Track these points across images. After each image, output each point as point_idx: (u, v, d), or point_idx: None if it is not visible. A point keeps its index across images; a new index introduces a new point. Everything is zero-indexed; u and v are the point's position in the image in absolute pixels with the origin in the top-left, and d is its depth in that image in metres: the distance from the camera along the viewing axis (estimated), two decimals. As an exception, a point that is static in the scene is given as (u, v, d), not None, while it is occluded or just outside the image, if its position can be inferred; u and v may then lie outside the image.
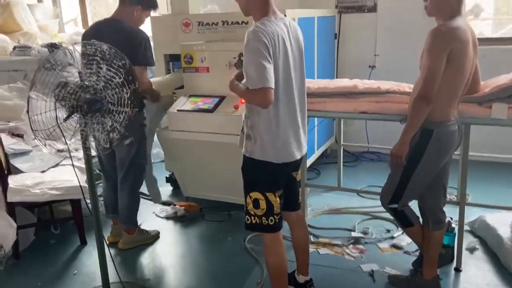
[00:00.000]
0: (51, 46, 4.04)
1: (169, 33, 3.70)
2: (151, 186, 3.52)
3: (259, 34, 1.88)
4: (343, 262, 2.81)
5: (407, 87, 2.64)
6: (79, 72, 1.94)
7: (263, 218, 2.12)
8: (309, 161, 3.86)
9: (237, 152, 2.30)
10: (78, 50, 1.92)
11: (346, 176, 3.72)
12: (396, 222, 3.00)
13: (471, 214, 3.05)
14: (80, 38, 3.01)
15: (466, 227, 2.86)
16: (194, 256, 3.03)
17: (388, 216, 2.89)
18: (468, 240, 2.93)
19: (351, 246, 2.97)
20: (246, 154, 2.11)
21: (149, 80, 3.07)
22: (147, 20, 3.05)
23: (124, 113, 1.95)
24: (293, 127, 2.10)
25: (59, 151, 2.20)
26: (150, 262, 2.98)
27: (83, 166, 2.43)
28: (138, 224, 3.16)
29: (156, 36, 3.84)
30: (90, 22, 5.46)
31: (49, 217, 3.33)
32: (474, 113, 2.42)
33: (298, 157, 2.15)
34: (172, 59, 3.82)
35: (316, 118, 3.89)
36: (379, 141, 4.37)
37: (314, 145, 4.17)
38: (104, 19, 2.94)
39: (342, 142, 3.48)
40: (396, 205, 2.39)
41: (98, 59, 1.87)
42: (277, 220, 2.15)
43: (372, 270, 2.69)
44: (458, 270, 2.66)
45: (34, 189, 2.89)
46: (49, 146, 1.96)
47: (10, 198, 2.85)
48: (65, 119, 1.92)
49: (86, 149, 2.06)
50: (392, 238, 3.05)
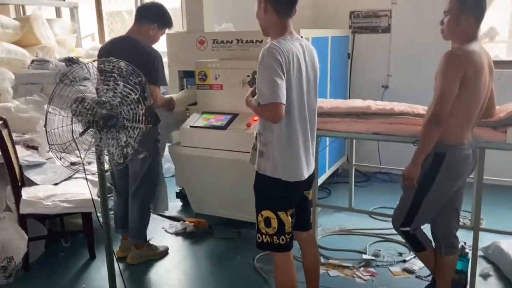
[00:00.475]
0: (68, 60, 4.11)
1: (184, 50, 3.76)
2: (161, 197, 3.48)
3: (273, 51, 1.91)
4: (354, 285, 2.76)
5: (421, 109, 2.62)
6: (96, 88, 1.97)
7: (274, 237, 2.11)
8: (320, 180, 3.83)
9: (248, 169, 2.30)
10: (95, 66, 1.96)
11: (358, 196, 3.67)
12: (408, 246, 2.95)
13: (485, 239, 2.99)
14: (96, 53, 3.07)
15: (480, 253, 2.81)
16: (202, 274, 3.02)
17: (400, 239, 2.82)
18: (482, 266, 2.87)
19: (362, 268, 2.93)
20: (259, 171, 2.12)
21: (163, 97, 3.10)
22: (163, 36, 3.10)
23: (138, 129, 1.97)
24: (305, 145, 2.10)
25: (72, 164, 2.22)
26: (158, 278, 2.96)
27: (95, 179, 2.45)
28: (148, 239, 3.16)
29: (171, 53, 3.90)
30: (107, 37, 5.56)
31: (60, 229, 3.34)
32: (489, 137, 2.39)
33: (306, 176, 2.14)
34: (186, 76, 3.86)
35: (328, 138, 3.88)
36: (391, 162, 4.33)
37: (326, 163, 4.14)
38: (119, 37, 2.99)
39: (354, 162, 3.47)
40: (408, 228, 2.36)
41: (116, 75, 1.90)
42: (288, 240, 2.13)
43: (383, 295, 2.65)
44: (471, 296, 2.60)
45: (46, 201, 2.92)
46: (63, 159, 1.97)
47: (22, 210, 2.88)
48: (81, 134, 1.94)
49: (100, 163, 2.07)
50: (404, 261, 3.00)
